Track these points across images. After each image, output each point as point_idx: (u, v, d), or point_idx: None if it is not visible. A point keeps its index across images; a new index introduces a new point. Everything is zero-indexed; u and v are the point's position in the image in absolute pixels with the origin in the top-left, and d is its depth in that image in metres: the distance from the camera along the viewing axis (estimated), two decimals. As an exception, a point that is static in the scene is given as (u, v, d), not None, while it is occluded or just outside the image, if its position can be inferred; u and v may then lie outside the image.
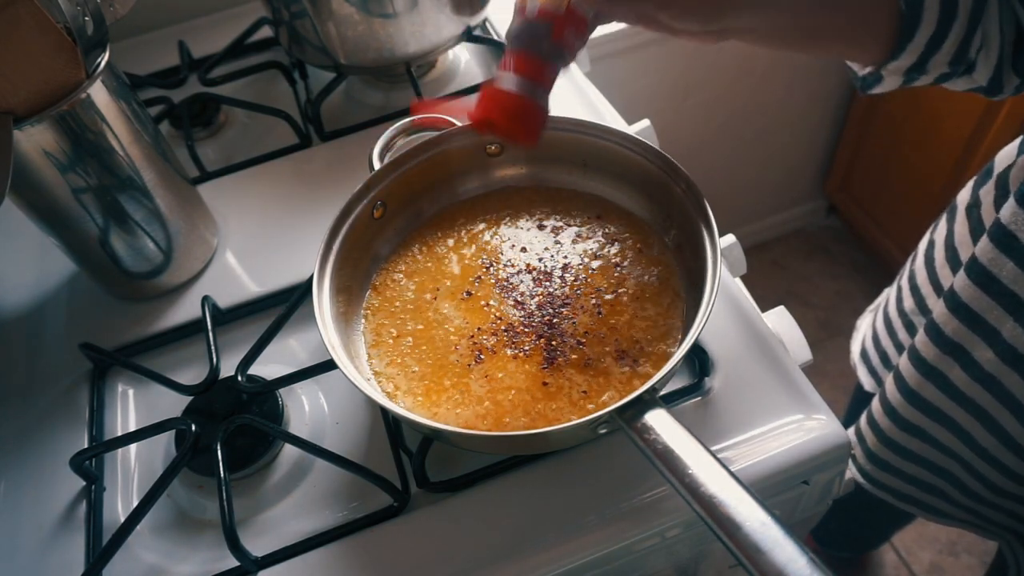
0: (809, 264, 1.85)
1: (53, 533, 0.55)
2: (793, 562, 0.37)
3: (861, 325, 0.89)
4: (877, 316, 0.83)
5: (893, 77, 0.47)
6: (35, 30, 0.50)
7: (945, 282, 0.66)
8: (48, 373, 0.64)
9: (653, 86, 1.36)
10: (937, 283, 0.68)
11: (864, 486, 0.77)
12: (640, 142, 0.58)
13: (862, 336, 0.87)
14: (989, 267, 0.53)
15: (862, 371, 0.85)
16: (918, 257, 0.74)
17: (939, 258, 0.69)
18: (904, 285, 0.75)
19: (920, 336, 0.61)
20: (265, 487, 0.56)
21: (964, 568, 1.40)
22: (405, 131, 0.62)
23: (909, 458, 0.69)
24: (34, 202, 0.59)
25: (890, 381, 0.67)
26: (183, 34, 0.91)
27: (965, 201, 0.67)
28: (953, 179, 1.37)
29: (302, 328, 0.63)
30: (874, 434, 0.71)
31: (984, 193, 0.63)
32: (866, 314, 0.89)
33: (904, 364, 0.64)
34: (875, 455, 0.72)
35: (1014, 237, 0.51)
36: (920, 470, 0.70)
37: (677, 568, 0.61)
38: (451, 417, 0.51)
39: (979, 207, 0.63)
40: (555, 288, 0.57)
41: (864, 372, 0.85)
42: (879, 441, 0.71)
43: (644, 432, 0.43)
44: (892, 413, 0.67)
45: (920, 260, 0.73)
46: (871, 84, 0.49)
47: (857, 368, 0.86)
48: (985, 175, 0.65)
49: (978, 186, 0.65)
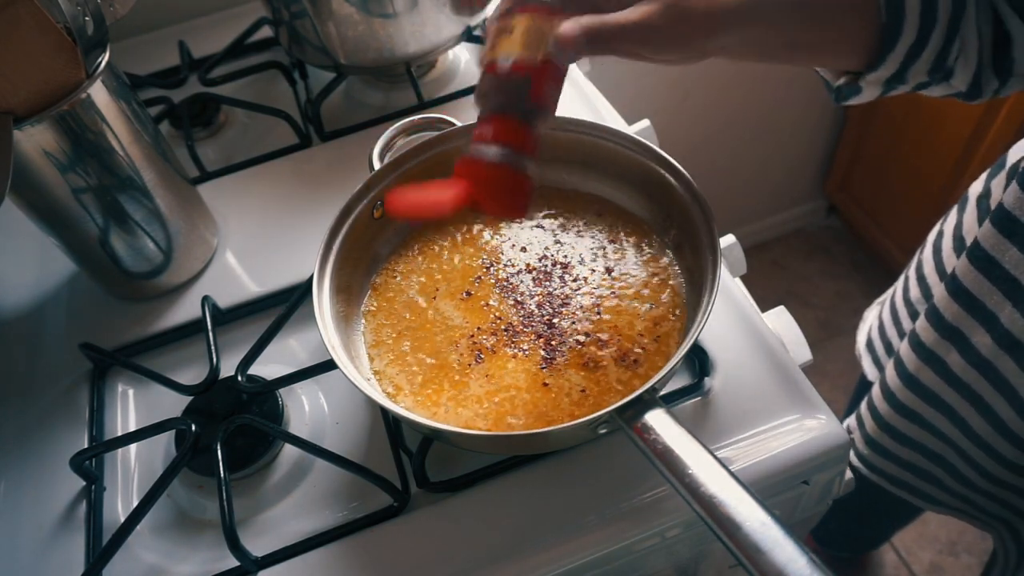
0: (809, 264, 1.85)
1: (53, 533, 0.55)
2: (793, 562, 0.37)
3: (868, 316, 0.89)
4: (884, 307, 0.83)
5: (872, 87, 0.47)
6: (35, 30, 0.50)
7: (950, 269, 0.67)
8: (48, 373, 0.64)
9: (653, 86, 1.36)
10: (943, 271, 0.69)
11: (861, 471, 0.77)
12: (640, 142, 0.58)
13: (868, 327, 0.87)
14: (991, 251, 0.53)
15: (866, 361, 0.85)
16: (927, 247, 0.74)
17: (946, 247, 0.69)
18: (911, 275, 0.76)
19: (920, 321, 0.61)
20: (265, 487, 0.56)
21: (964, 568, 1.40)
22: (405, 131, 0.62)
23: (905, 443, 0.70)
24: (34, 202, 0.59)
25: (890, 366, 0.67)
26: (183, 34, 0.91)
27: (976, 192, 0.67)
28: (953, 179, 1.37)
29: (302, 328, 0.64)
30: (872, 419, 0.71)
31: (996, 184, 0.63)
32: (873, 306, 0.89)
33: (904, 349, 0.64)
34: (873, 440, 0.73)
35: (1017, 221, 0.51)
36: (915, 455, 0.70)
37: (677, 568, 0.61)
38: (451, 417, 0.51)
39: (989, 197, 0.63)
40: (555, 288, 0.57)
41: (868, 362, 0.85)
42: (877, 426, 0.71)
43: (644, 432, 0.43)
44: (891, 397, 0.67)
45: (928, 250, 0.73)
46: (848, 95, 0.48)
47: (862, 358, 0.86)
48: (998, 167, 0.65)
49: (991, 177, 0.65)
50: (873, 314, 0.87)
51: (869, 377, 0.84)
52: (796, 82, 1.49)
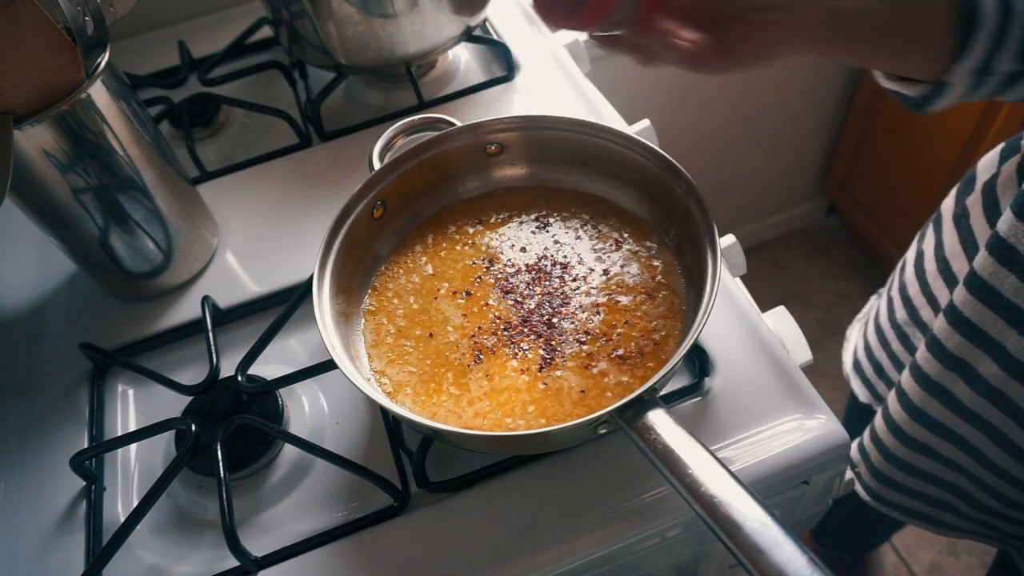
0: (809, 264, 1.85)
1: (53, 533, 0.55)
2: (793, 562, 0.37)
3: (851, 335, 0.88)
4: (868, 327, 0.82)
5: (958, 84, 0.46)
6: (35, 30, 0.50)
7: (939, 294, 0.66)
8: (48, 373, 0.64)
9: (653, 86, 1.36)
10: (930, 295, 0.68)
11: (870, 504, 0.76)
12: (640, 142, 0.58)
13: (853, 346, 0.86)
14: (990, 280, 0.53)
15: (855, 382, 0.84)
16: (907, 268, 0.73)
17: (930, 269, 0.68)
18: (895, 296, 0.75)
19: (922, 352, 0.61)
20: (265, 487, 0.56)
21: (964, 568, 1.40)
22: (405, 131, 0.62)
23: (915, 474, 0.68)
24: (34, 202, 0.59)
25: (892, 398, 0.66)
26: (183, 34, 0.91)
27: (950, 210, 0.66)
28: (953, 179, 1.36)
29: (302, 328, 0.64)
30: (878, 451, 0.70)
31: (971, 203, 0.62)
32: (855, 324, 0.88)
33: (906, 380, 0.63)
34: (880, 472, 0.71)
35: (1014, 250, 0.51)
36: (927, 486, 0.69)
37: (677, 568, 0.61)
38: (451, 417, 0.51)
39: (967, 217, 0.62)
40: (555, 288, 0.57)
41: (858, 383, 0.84)
42: (884, 458, 0.70)
43: (644, 432, 0.43)
44: (896, 430, 0.66)
45: (910, 271, 0.72)
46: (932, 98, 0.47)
47: (851, 380, 0.85)
48: (968, 183, 0.64)
49: (962, 194, 0.64)
50: (856, 332, 0.87)
51: (860, 398, 0.84)
52: (796, 82, 1.49)
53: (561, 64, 0.82)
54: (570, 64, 0.82)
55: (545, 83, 0.80)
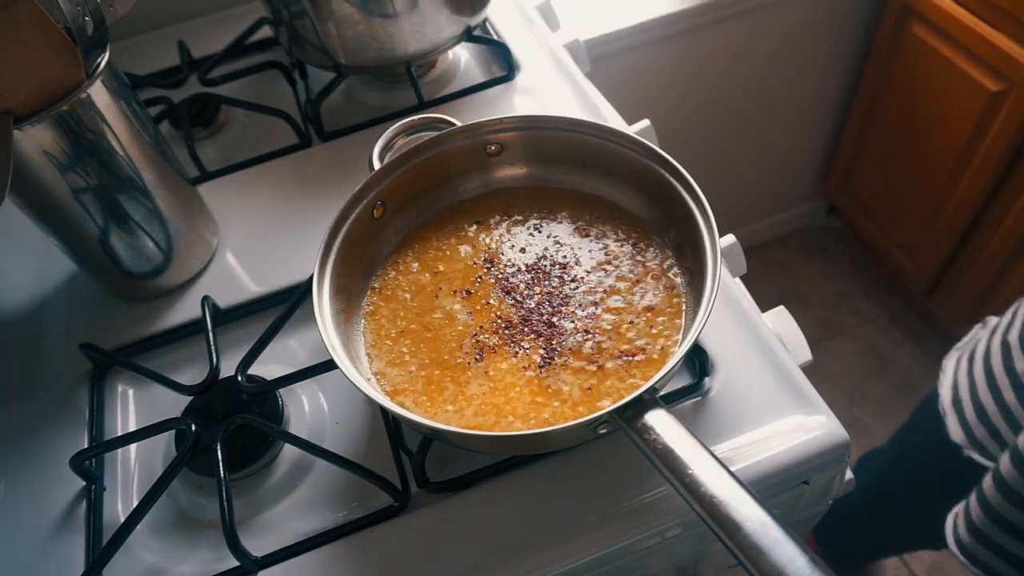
0: (809, 264, 1.86)
1: (53, 533, 0.55)
2: (793, 562, 0.37)
3: (947, 366, 0.84)
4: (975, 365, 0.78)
5: None
6: (35, 30, 0.50)
7: None
8: (48, 373, 0.64)
9: (653, 86, 1.36)
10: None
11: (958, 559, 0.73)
12: (640, 142, 0.58)
13: (952, 381, 0.82)
14: None
15: (952, 420, 0.80)
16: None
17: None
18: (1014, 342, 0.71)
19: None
20: (265, 487, 0.56)
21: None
22: (405, 131, 0.62)
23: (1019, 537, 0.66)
24: (34, 202, 0.59)
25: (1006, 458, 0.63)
26: (183, 34, 0.91)
27: None
28: (953, 179, 1.37)
29: (302, 328, 0.64)
30: (981, 508, 0.68)
31: None
32: (952, 353, 0.85)
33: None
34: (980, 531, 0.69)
35: None
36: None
37: (677, 568, 0.61)
38: (451, 417, 0.51)
39: None
40: (555, 287, 0.57)
41: (954, 422, 0.80)
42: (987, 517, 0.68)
43: (644, 432, 0.43)
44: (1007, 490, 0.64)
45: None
46: None
47: (947, 416, 0.81)
48: None
49: None
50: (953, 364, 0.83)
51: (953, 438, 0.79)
52: (797, 82, 1.49)
53: (561, 64, 0.82)
54: (570, 64, 0.82)
55: (545, 83, 0.80)
